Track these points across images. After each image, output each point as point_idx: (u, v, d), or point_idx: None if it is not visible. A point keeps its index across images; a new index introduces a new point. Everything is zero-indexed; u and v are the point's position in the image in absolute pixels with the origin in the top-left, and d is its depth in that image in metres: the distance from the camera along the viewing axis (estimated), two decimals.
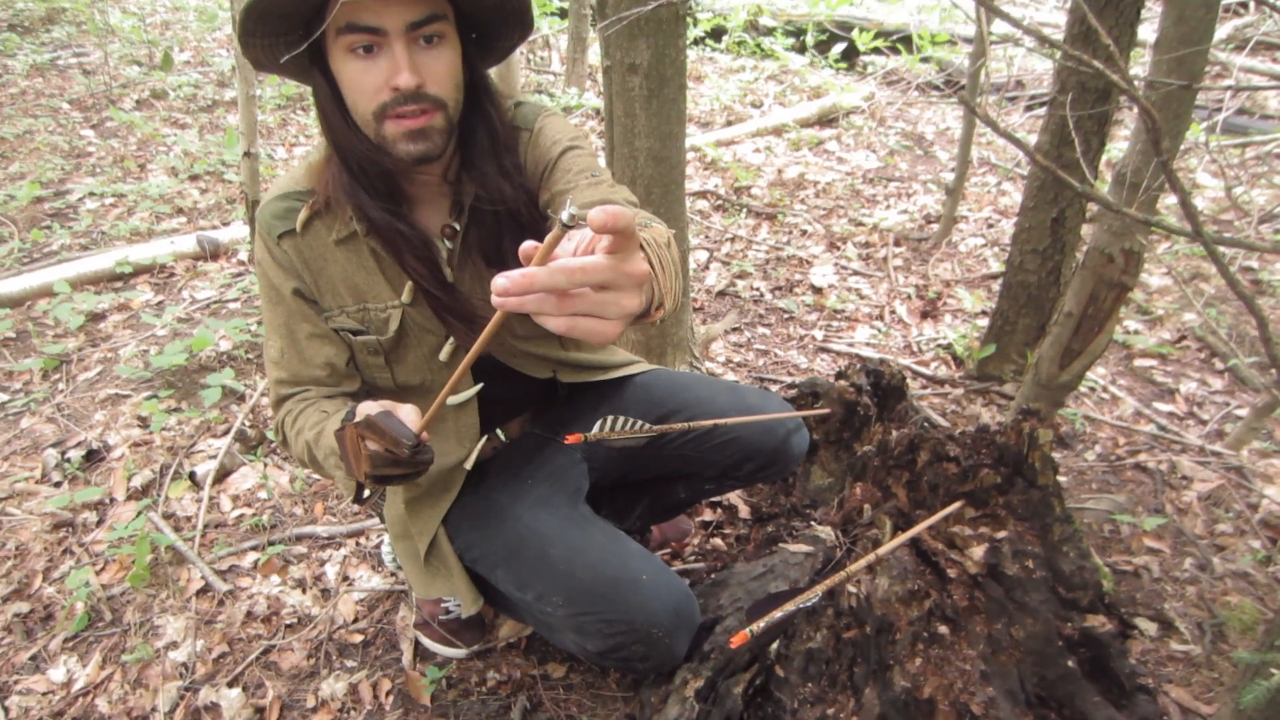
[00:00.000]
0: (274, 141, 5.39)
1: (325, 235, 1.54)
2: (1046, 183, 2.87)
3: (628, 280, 0.82)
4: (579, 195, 1.52)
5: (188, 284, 3.86)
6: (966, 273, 3.99)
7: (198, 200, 4.65)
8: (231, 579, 2.37)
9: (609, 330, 0.83)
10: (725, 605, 1.93)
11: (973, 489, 2.03)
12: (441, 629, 2.11)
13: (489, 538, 1.73)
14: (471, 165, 1.54)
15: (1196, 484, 2.84)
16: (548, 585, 1.64)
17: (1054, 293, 3.04)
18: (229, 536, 2.52)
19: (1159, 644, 2.24)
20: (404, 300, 1.59)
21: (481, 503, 1.78)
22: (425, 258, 1.55)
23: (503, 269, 1.64)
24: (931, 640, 1.90)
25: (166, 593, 2.31)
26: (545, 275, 0.78)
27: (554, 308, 0.80)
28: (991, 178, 4.94)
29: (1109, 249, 2.07)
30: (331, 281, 1.57)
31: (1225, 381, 3.47)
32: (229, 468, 2.75)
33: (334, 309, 1.59)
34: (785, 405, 1.99)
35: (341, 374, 1.65)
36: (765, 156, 5.11)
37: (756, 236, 4.25)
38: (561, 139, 1.61)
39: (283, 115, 5.80)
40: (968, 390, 3.17)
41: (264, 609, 2.28)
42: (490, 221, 1.58)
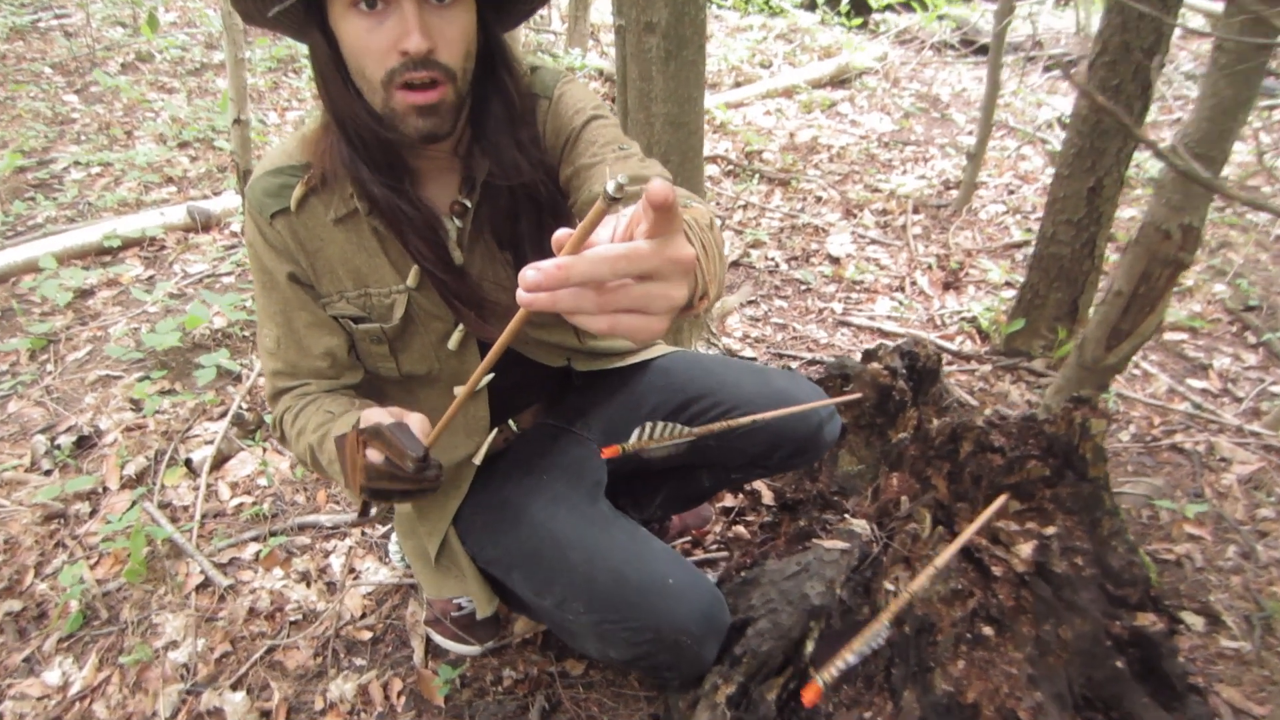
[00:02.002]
0: (265, 106, 5.21)
1: (323, 214, 1.41)
2: (1084, 150, 2.73)
3: (674, 268, 0.70)
4: (605, 171, 1.39)
5: (179, 257, 3.71)
6: (988, 241, 3.85)
7: (188, 168, 4.49)
8: (232, 573, 2.26)
9: (655, 327, 0.71)
10: (757, 605, 1.82)
11: (1018, 481, 1.92)
12: (454, 625, 2.01)
13: (503, 539, 1.63)
14: (484, 138, 1.41)
15: (1236, 466, 2.74)
16: (568, 591, 1.54)
17: (1088, 265, 2.91)
18: (228, 527, 2.40)
19: (1207, 640, 2.14)
20: (409, 285, 1.47)
21: (494, 500, 1.67)
22: (431, 238, 1.43)
23: (517, 252, 1.51)
24: (975, 642, 1.81)
25: (165, 588, 2.20)
26: (585, 265, 0.66)
27: (593, 304, 0.68)
28: (1011, 141, 4.79)
29: (1166, 224, 1.94)
30: (330, 264, 1.45)
31: (1259, 357, 3.36)
32: (226, 453, 2.63)
33: (333, 294, 1.47)
34: (814, 388, 1.87)
35: (343, 365, 1.53)
36: (776, 119, 4.95)
37: (769, 203, 4.10)
38: (585, 108, 1.48)
39: (274, 78, 5.61)
40: (995, 367, 3.05)
41: (267, 605, 2.17)
42: (505, 199, 1.46)
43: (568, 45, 5.80)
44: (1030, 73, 5.30)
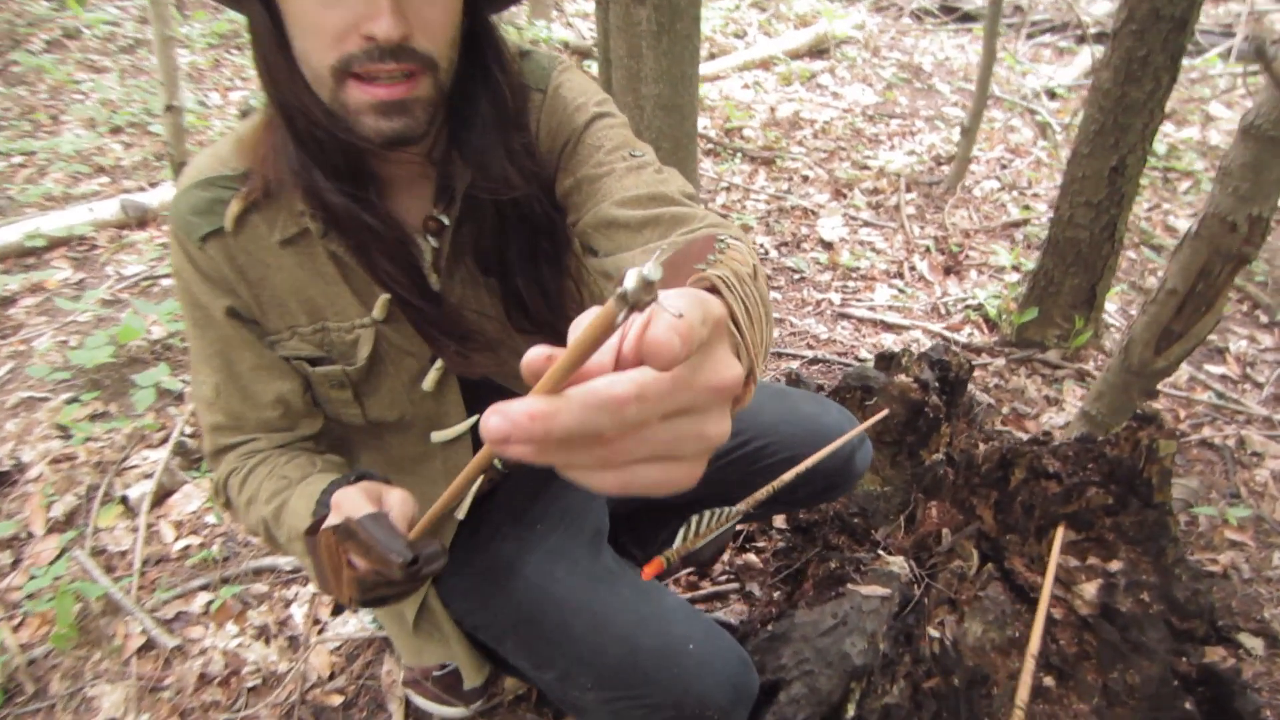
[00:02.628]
0: (206, 86, 4.86)
1: (266, 235, 1.14)
2: (1106, 126, 2.51)
3: (711, 398, 0.49)
4: (615, 185, 1.14)
5: (112, 258, 3.40)
6: (985, 221, 3.65)
7: (120, 157, 4.15)
8: (179, 630, 2.00)
9: (684, 476, 0.50)
10: (789, 665, 1.60)
11: (1076, 510, 1.71)
12: (436, 686, 1.80)
13: (492, 603, 1.39)
14: (467, 143, 1.14)
15: (1269, 461, 2.59)
16: (572, 664, 1.31)
17: (1107, 250, 2.71)
18: (173, 575, 2.14)
19: (1270, 664, 1.95)
20: (376, 317, 1.20)
21: (480, 558, 1.43)
22: (403, 260, 1.16)
23: (504, 278, 1.22)
24: (1036, 694, 1.61)
25: (100, 653, 1.95)
26: (572, 415, 0.44)
27: (593, 460, 0.47)
28: (998, 112, 4.57)
29: (1233, 215, 1.72)
30: (278, 295, 1.18)
31: (1274, 338, 3.19)
32: (168, 487, 2.36)
33: (282, 331, 1.21)
34: (842, 411, 1.65)
35: (298, 413, 1.27)
36: (755, 93, 4.69)
37: (754, 184, 3.86)
38: (587, 104, 1.23)
39: (215, 55, 5.25)
40: (1009, 360, 2.84)
41: (221, 668, 1.92)
42: (490, 216, 1.20)
43: (530, 16, 5.46)
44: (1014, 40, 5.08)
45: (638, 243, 1.08)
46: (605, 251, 1.13)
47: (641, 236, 1.08)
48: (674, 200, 1.11)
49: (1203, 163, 4.34)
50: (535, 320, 1.30)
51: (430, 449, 1.33)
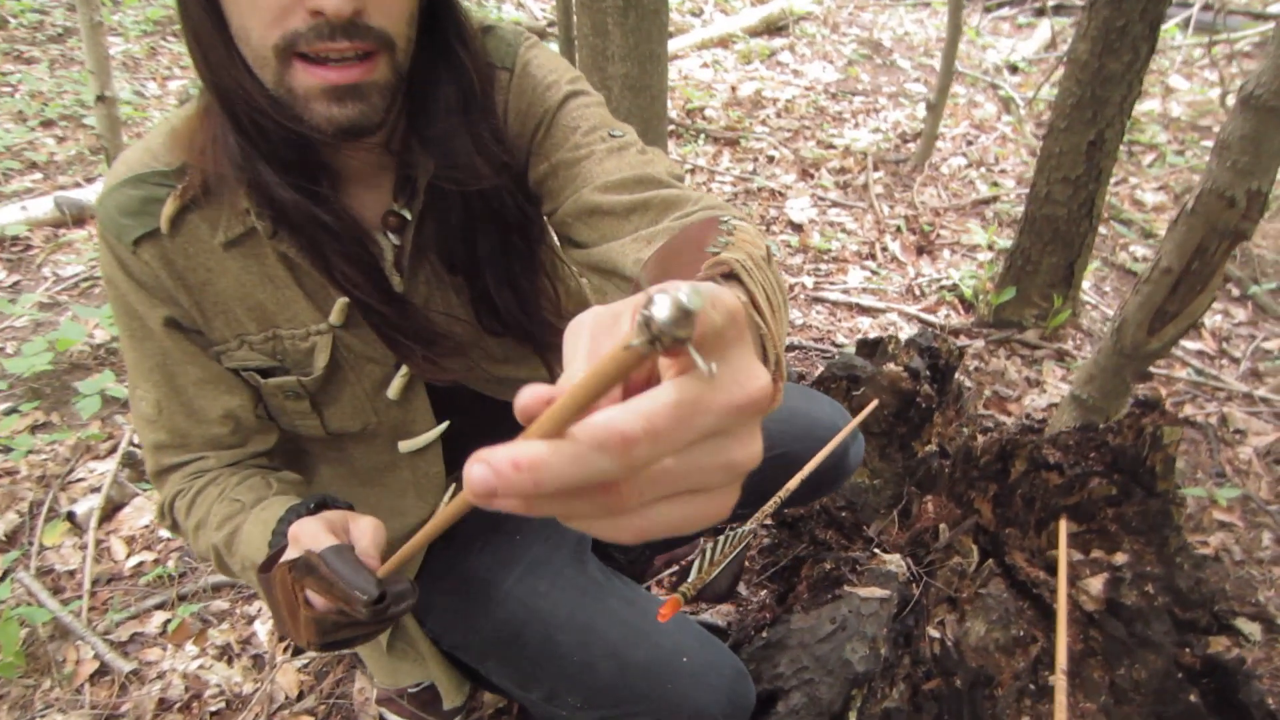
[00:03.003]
0: (142, 75, 4.65)
1: (208, 236, 1.03)
2: (1084, 100, 2.45)
3: (737, 417, 0.39)
4: (595, 168, 1.04)
5: (48, 258, 3.22)
6: (954, 199, 3.60)
7: (54, 152, 3.96)
8: (135, 653, 1.89)
9: (713, 511, 0.42)
10: (787, 674, 1.52)
11: (1078, 501, 1.64)
12: (412, 703, 1.69)
13: (472, 621, 1.30)
14: (429, 131, 1.04)
15: (1252, 438, 2.56)
16: (559, 682, 1.23)
17: (1085, 227, 2.66)
18: (126, 594, 2.02)
19: (1269, 650, 1.91)
20: (333, 322, 1.09)
21: (457, 573, 1.34)
22: (362, 260, 1.06)
23: (472, 278, 1.10)
24: (1040, 694, 1.55)
25: (50, 681, 1.82)
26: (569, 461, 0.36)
27: (599, 509, 0.39)
28: (960, 88, 4.52)
29: (1230, 190, 1.66)
30: (223, 302, 1.07)
31: (1248, 312, 3.18)
32: (118, 501, 2.23)
33: (229, 341, 1.09)
34: (833, 404, 1.58)
35: (250, 429, 1.16)
36: (715, 72, 4.59)
37: (718, 165, 3.77)
38: (558, 81, 1.12)
39: (151, 43, 5.02)
40: (988, 341, 2.78)
41: (181, 692, 1.81)
42: (456, 210, 1.10)
43: None
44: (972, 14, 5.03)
45: (625, 231, 0.98)
46: (588, 242, 1.03)
47: (629, 224, 0.98)
48: (662, 182, 1.01)
49: (1165, 135, 4.32)
50: (507, 322, 1.20)
51: (398, 458, 1.24)
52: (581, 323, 0.43)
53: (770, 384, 0.40)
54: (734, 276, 0.65)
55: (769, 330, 0.60)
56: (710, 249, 0.71)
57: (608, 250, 0.98)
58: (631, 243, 0.95)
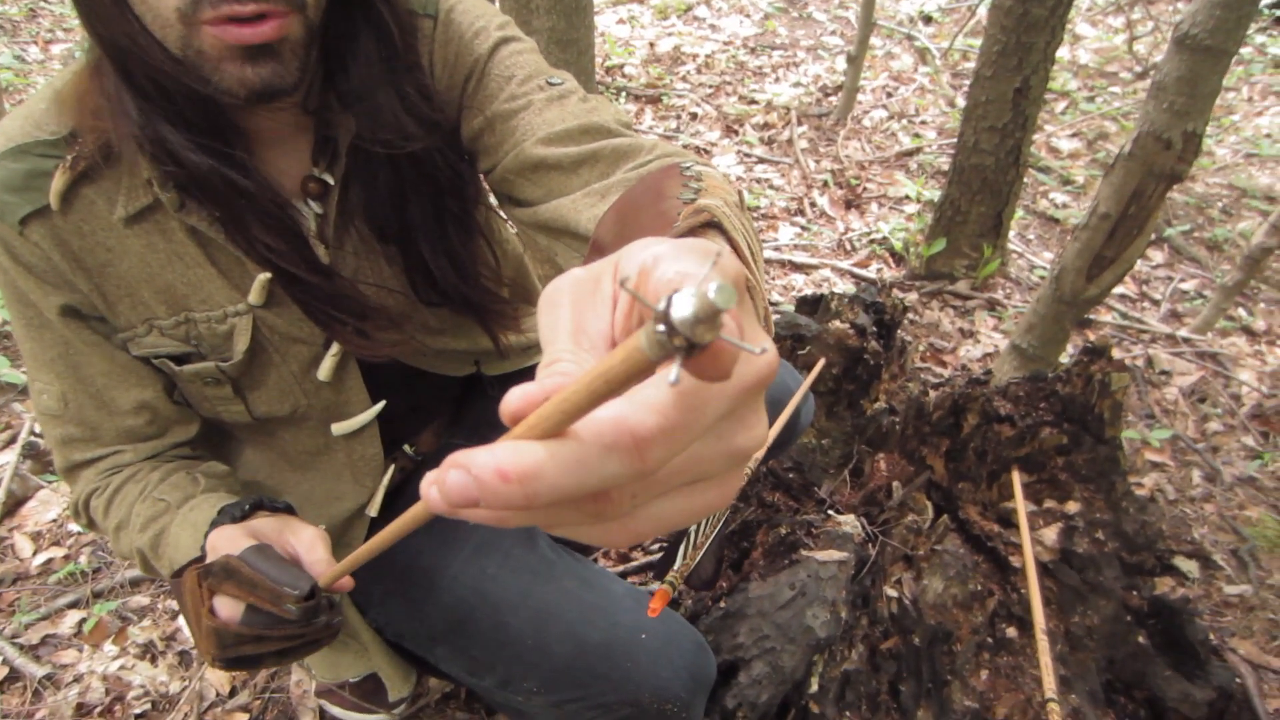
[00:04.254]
0: (22, 39, 4.34)
1: (105, 211, 0.92)
2: (1009, 47, 2.45)
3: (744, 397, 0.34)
4: (535, 120, 0.97)
5: None
6: (878, 151, 3.59)
7: None
8: (48, 656, 1.78)
9: (717, 499, 0.37)
10: (747, 644, 1.49)
11: (1029, 452, 1.64)
12: (353, 693, 1.63)
13: (417, 609, 1.23)
14: (349, 89, 0.94)
15: (1177, 378, 2.61)
16: (513, 667, 1.16)
17: (1012, 175, 2.66)
18: (35, 594, 1.90)
19: (1208, 587, 1.97)
20: (253, 302, 1.00)
21: (399, 559, 1.25)
22: (284, 229, 0.96)
23: (405, 245, 1.01)
24: (999, 647, 1.55)
25: None
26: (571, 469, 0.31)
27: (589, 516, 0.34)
28: (876, 39, 4.50)
29: (1168, 132, 1.66)
30: (127, 284, 0.97)
31: (1165, 254, 3.24)
32: (20, 495, 2.11)
33: (136, 326, 0.99)
34: (785, 365, 1.53)
35: (168, 419, 1.07)
36: (632, 29, 4.50)
37: (641, 124, 3.70)
38: (487, 27, 1.04)
39: (30, 4, 4.70)
40: (921, 294, 2.78)
41: (101, 695, 1.71)
42: (383, 171, 1.01)
43: None
44: None
45: (574, 185, 0.90)
46: (534, 200, 0.96)
47: (578, 178, 0.91)
48: (611, 131, 0.94)
49: (1076, 82, 4.38)
50: (444, 291, 1.12)
51: (331, 441, 1.15)
52: (559, 290, 0.37)
53: (775, 353, 0.35)
54: (715, 225, 0.59)
55: (756, 283, 0.55)
56: (684, 196, 0.65)
57: (557, 207, 0.91)
58: (583, 198, 0.88)
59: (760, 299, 0.55)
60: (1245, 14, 1.54)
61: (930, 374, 2.42)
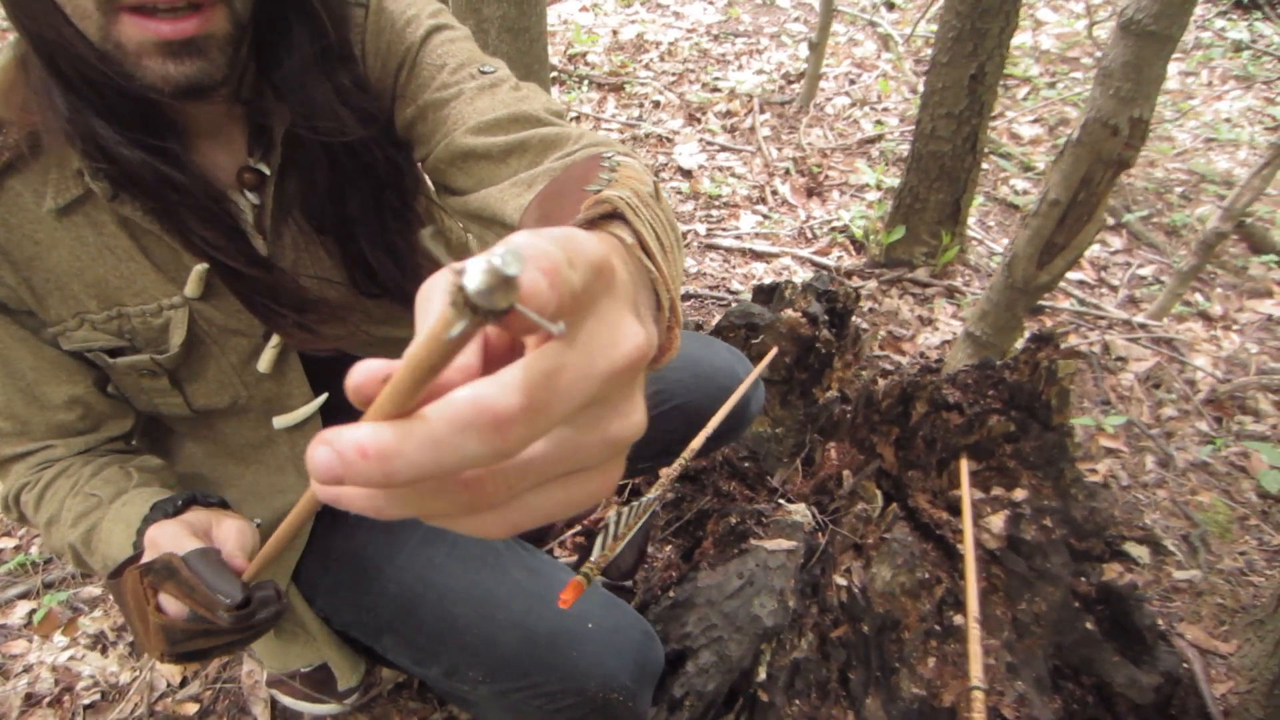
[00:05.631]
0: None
1: (33, 203, 0.92)
2: (964, 33, 2.44)
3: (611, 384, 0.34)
4: (466, 109, 0.97)
5: None
6: (840, 139, 3.59)
7: None
8: None
9: (597, 489, 0.38)
10: (695, 633, 1.50)
11: (977, 440, 1.65)
12: (304, 684, 1.62)
13: (364, 599, 1.23)
14: (282, 79, 0.93)
15: (1132, 364, 2.63)
16: (459, 657, 1.17)
17: (969, 161, 2.67)
18: None
19: (1158, 573, 1.99)
20: (190, 295, 0.99)
21: (346, 548, 1.26)
22: (221, 222, 0.96)
23: (343, 238, 1.03)
24: (946, 634, 1.57)
25: None
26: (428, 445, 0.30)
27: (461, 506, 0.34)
28: (839, 26, 4.50)
29: (1114, 118, 1.66)
30: (56, 278, 0.96)
31: (1124, 240, 3.27)
32: None
33: (67, 320, 0.99)
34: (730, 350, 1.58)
35: (101, 413, 1.07)
36: (595, 16, 4.48)
37: (604, 112, 3.68)
38: (418, 15, 1.04)
39: None
40: (880, 281, 2.78)
41: (50, 685, 1.72)
42: (320, 161, 1.01)
43: None
44: None
45: (503, 175, 0.91)
46: (465, 189, 0.96)
47: (507, 167, 0.91)
48: (540, 120, 0.94)
49: (1038, 68, 4.39)
50: (384, 284, 1.11)
51: (274, 434, 1.15)
52: (434, 285, 0.36)
53: (646, 340, 0.35)
54: (618, 215, 0.59)
55: (660, 274, 0.54)
56: (593, 188, 0.65)
57: (485, 197, 0.91)
58: (511, 187, 0.88)
59: (665, 289, 0.54)
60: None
61: (888, 361, 2.43)
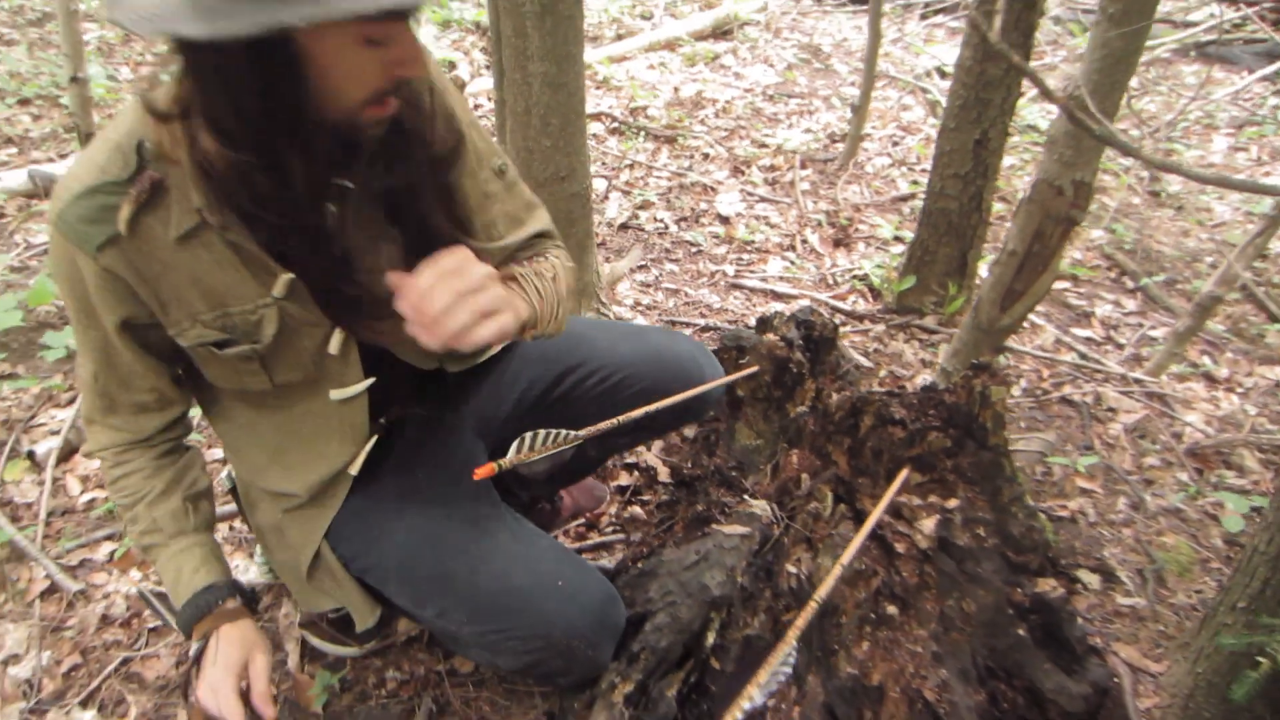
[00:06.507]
0: (116, 60, 4.81)
1: (161, 233, 1.17)
2: (970, 101, 2.69)
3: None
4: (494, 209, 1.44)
5: (20, 226, 3.39)
6: (875, 195, 3.82)
7: (29, 128, 4.12)
8: (83, 576, 2.07)
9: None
10: (655, 599, 1.73)
11: (919, 453, 1.87)
12: (331, 627, 1.89)
13: (375, 548, 1.50)
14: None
15: (1122, 415, 2.78)
16: (448, 601, 1.43)
17: (976, 219, 2.89)
18: (78, 526, 2.20)
19: (1104, 598, 2.16)
20: (277, 295, 1.25)
21: (366, 505, 1.53)
22: (315, 242, 1.23)
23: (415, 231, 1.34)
24: (880, 622, 1.77)
25: (4, 596, 2.01)
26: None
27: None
28: (892, 91, 4.76)
29: (1059, 180, 1.90)
30: (177, 289, 1.22)
31: (1138, 302, 3.42)
32: (75, 444, 2.41)
33: (184, 320, 1.25)
34: (692, 342, 1.82)
35: (170, 399, 1.40)
36: (660, 74, 4.81)
37: (656, 161, 3.98)
38: (459, 112, 1.36)
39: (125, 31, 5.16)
40: (889, 326, 3.02)
41: (122, 610, 1.99)
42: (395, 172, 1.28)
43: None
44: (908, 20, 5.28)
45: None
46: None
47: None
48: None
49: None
50: None
51: (328, 406, 1.40)
52: None
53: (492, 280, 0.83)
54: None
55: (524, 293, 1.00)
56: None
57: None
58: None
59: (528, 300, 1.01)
60: (1119, 80, 1.78)
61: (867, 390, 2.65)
